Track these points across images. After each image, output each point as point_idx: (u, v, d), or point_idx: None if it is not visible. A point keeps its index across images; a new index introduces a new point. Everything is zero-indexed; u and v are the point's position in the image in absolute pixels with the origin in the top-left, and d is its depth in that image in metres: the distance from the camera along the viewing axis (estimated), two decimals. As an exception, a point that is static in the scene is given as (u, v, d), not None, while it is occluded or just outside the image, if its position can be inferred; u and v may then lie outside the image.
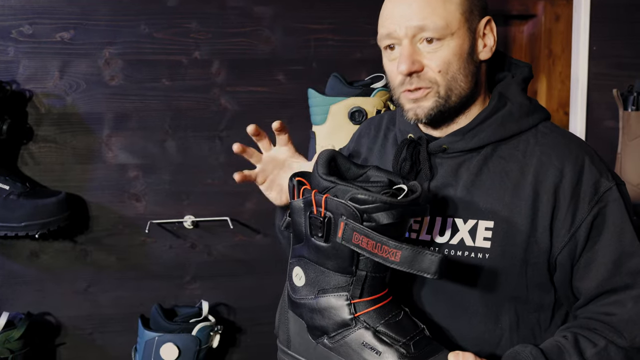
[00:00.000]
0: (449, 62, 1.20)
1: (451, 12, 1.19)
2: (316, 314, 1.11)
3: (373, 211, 1.03)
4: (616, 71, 2.41)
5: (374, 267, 1.08)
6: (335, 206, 1.06)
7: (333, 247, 1.07)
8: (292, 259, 1.16)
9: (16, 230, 2.00)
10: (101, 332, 2.25)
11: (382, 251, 1.02)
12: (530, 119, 1.27)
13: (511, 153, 1.24)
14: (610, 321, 1.17)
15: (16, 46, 2.10)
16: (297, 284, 1.14)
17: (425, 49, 1.19)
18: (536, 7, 2.66)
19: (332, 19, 2.28)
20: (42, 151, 2.15)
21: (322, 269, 1.11)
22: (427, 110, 1.22)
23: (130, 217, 2.23)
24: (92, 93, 2.16)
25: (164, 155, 2.23)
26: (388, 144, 1.39)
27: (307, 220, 1.10)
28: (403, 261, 1.01)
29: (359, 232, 1.03)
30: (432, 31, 1.18)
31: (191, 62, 2.21)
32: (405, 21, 1.19)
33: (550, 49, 2.68)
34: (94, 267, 2.22)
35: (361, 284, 1.09)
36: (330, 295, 1.10)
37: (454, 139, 1.25)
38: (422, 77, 1.20)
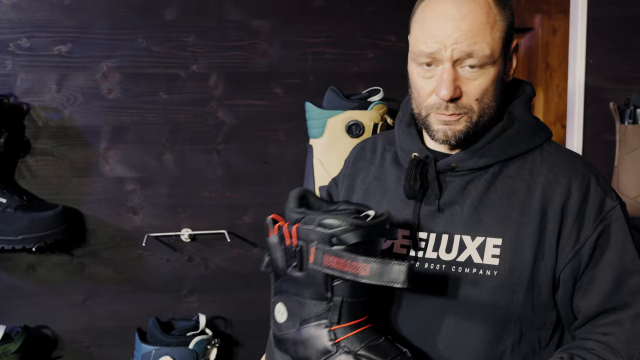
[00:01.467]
0: (487, 90, 1.19)
1: (496, 39, 1.17)
2: (299, 345, 1.13)
3: (341, 233, 1.07)
4: (613, 84, 2.41)
5: (349, 292, 1.11)
6: (306, 234, 1.09)
7: (307, 275, 1.11)
8: (274, 297, 1.19)
9: (13, 244, 1.99)
10: (98, 346, 2.24)
11: (352, 268, 1.05)
12: (536, 138, 1.28)
13: (518, 172, 1.24)
14: (608, 341, 1.17)
15: (14, 59, 2.11)
16: (280, 320, 1.17)
17: (466, 75, 1.17)
18: (533, 21, 2.67)
19: (329, 33, 2.29)
20: (40, 164, 2.15)
21: (301, 299, 1.13)
22: (458, 134, 1.21)
23: (127, 230, 2.22)
24: (90, 106, 2.17)
25: (161, 168, 2.23)
26: (386, 164, 1.38)
27: (283, 252, 1.14)
28: (372, 274, 1.04)
29: (329, 254, 1.06)
30: (479, 58, 1.16)
31: (189, 76, 2.22)
32: (452, 43, 1.15)
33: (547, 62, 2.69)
34: (91, 281, 2.21)
35: (338, 310, 1.11)
36: (311, 324, 1.13)
37: (462, 158, 1.25)
38: (459, 104, 1.19)
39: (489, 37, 1.16)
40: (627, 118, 2.31)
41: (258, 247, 2.30)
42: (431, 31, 1.17)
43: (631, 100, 2.32)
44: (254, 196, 2.29)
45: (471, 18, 1.15)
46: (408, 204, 1.28)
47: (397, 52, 2.28)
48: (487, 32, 1.16)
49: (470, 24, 1.15)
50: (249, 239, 2.30)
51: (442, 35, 1.15)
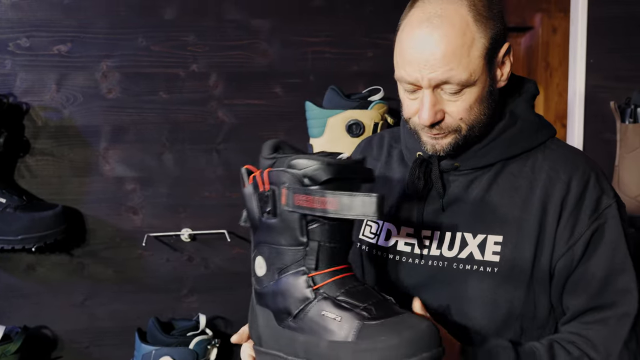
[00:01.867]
0: (470, 108, 1.18)
1: (475, 59, 1.15)
2: (279, 296, 1.08)
3: (312, 172, 1.02)
4: (613, 83, 2.41)
5: (325, 236, 1.06)
6: (277, 176, 1.06)
7: (281, 220, 1.06)
8: (253, 251, 1.15)
9: (13, 244, 1.99)
10: (98, 346, 2.24)
11: (321, 203, 1.01)
12: (539, 136, 1.28)
13: (520, 169, 1.25)
14: (589, 335, 1.19)
15: (13, 59, 2.11)
16: (260, 274, 1.12)
17: (446, 97, 1.17)
18: (533, 20, 2.66)
19: (329, 32, 2.28)
20: (39, 164, 2.15)
21: (278, 247, 1.08)
22: (446, 147, 1.22)
23: (127, 230, 2.22)
24: (90, 106, 2.16)
25: (161, 168, 2.23)
26: (393, 161, 1.39)
27: (257, 201, 1.10)
28: (341, 207, 0.99)
29: (299, 193, 1.02)
30: (456, 83, 1.14)
31: (188, 75, 2.22)
32: (428, 71, 1.14)
33: (547, 62, 2.68)
34: (90, 281, 2.21)
35: (315, 255, 1.05)
36: (289, 273, 1.07)
37: (465, 157, 1.26)
38: (443, 125, 1.19)
39: (466, 60, 1.14)
40: (627, 117, 2.31)
41: (258, 247, 2.29)
42: (408, 58, 1.16)
43: (632, 99, 2.32)
44: (254, 196, 2.28)
45: (446, 43, 1.12)
46: (412, 202, 1.29)
47: (397, 52, 2.27)
48: (463, 55, 1.13)
49: (445, 49, 1.12)
50: (249, 238, 2.29)
51: (418, 64, 1.14)
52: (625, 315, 1.19)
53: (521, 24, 2.68)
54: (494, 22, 1.17)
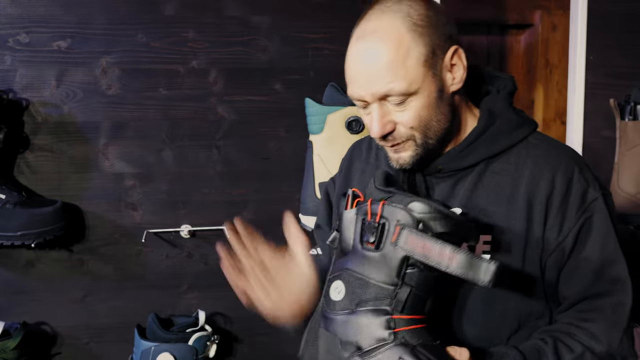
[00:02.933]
0: (419, 116, 1.19)
1: (412, 68, 1.16)
2: (351, 327, 1.07)
3: (429, 220, 1.04)
4: (613, 81, 2.41)
5: (419, 283, 1.07)
6: (392, 212, 1.06)
7: (383, 255, 1.06)
8: (333, 274, 1.13)
9: (12, 240, 1.99)
10: (97, 342, 2.24)
11: (439, 255, 1.02)
12: (520, 132, 1.28)
13: (504, 167, 1.25)
14: (589, 327, 1.20)
15: (13, 55, 2.10)
16: (335, 298, 1.10)
17: (394, 108, 1.18)
18: (533, 17, 2.66)
19: (329, 28, 2.28)
20: (39, 160, 2.15)
21: (366, 279, 1.07)
22: (408, 159, 1.23)
23: (126, 226, 2.22)
24: (89, 102, 2.16)
25: (160, 164, 2.23)
26: (381, 165, 1.38)
27: (360, 227, 1.09)
28: (458, 266, 1.01)
29: (414, 236, 1.03)
30: (397, 93, 1.16)
31: (188, 71, 2.21)
32: (370, 87, 1.16)
33: (547, 59, 2.68)
34: (90, 277, 2.21)
35: (404, 300, 1.06)
36: (370, 307, 1.07)
37: (447, 159, 1.26)
38: (396, 135, 1.20)
39: (403, 70, 1.15)
40: (627, 114, 2.31)
41: (258, 244, 2.29)
42: (351, 77, 1.20)
43: (631, 96, 2.32)
44: (254, 192, 2.29)
45: (380, 57, 1.15)
46: None
47: (397, 48, 2.27)
48: (399, 66, 1.15)
49: (380, 64, 1.15)
50: (249, 235, 2.29)
51: (360, 79, 1.18)
52: (620, 304, 1.21)
53: (521, 21, 2.68)
54: (433, 29, 1.18)
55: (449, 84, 1.22)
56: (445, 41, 1.20)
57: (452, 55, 1.21)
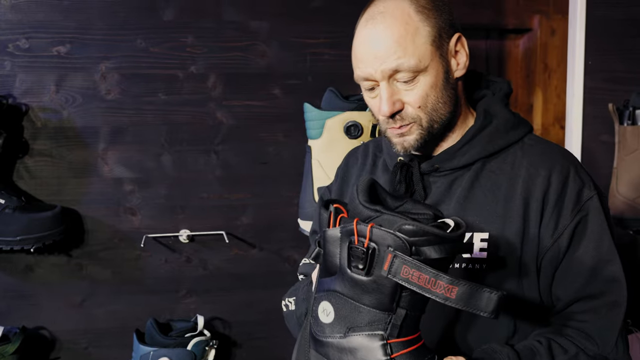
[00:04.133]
0: (427, 95, 1.21)
1: (421, 45, 1.19)
2: (345, 354, 1.02)
3: (422, 244, 0.96)
4: (612, 85, 2.41)
5: (414, 305, 1.01)
6: (382, 237, 0.97)
7: (374, 282, 0.99)
8: (319, 293, 1.07)
9: (11, 244, 2.00)
10: (96, 347, 2.24)
11: (436, 287, 0.95)
12: (516, 133, 1.30)
13: (500, 167, 1.27)
14: (584, 328, 1.20)
15: (12, 60, 2.11)
16: (324, 321, 1.04)
17: (402, 87, 1.21)
18: (532, 21, 2.67)
19: (327, 33, 2.28)
20: (38, 165, 2.15)
21: (357, 304, 1.01)
22: (413, 143, 1.25)
23: (125, 231, 2.22)
24: (88, 107, 2.17)
25: (159, 169, 2.23)
26: (377, 171, 1.41)
27: (346, 251, 1.01)
28: (459, 298, 0.95)
29: (409, 266, 0.95)
30: (406, 71, 1.19)
31: (187, 76, 2.22)
32: (379, 64, 1.19)
33: (545, 63, 2.69)
34: (89, 281, 2.21)
35: (400, 323, 1.01)
36: (363, 333, 1.01)
37: (444, 158, 1.28)
38: (404, 115, 1.22)
39: (412, 47, 1.18)
40: (626, 119, 2.31)
41: (256, 248, 2.30)
42: (358, 57, 1.23)
43: (630, 101, 2.32)
44: (253, 197, 2.29)
45: (389, 35, 1.18)
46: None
47: (396, 53, 2.27)
48: (408, 42, 1.18)
49: (389, 41, 1.18)
50: (247, 239, 2.30)
51: (368, 58, 1.21)
52: (616, 304, 1.21)
53: (520, 25, 2.68)
54: (439, 13, 1.23)
55: (454, 70, 1.25)
56: (450, 27, 1.24)
57: (456, 42, 1.25)
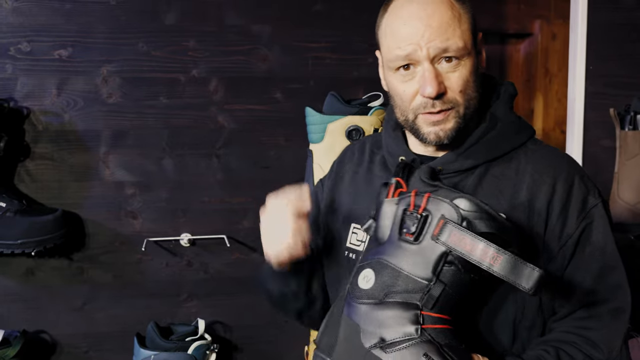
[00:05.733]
0: (468, 81, 1.21)
1: (465, 31, 1.21)
2: (377, 318, 1.04)
3: (474, 218, 1.01)
4: (613, 90, 2.42)
5: (453, 283, 1.04)
6: (437, 205, 1.03)
7: (421, 248, 1.03)
8: (363, 262, 1.10)
9: (12, 248, 2.00)
10: (97, 350, 2.24)
11: (482, 253, 0.98)
12: (519, 137, 1.30)
13: (503, 172, 1.26)
14: (589, 335, 1.20)
15: (14, 63, 2.11)
16: (363, 287, 1.06)
17: (445, 69, 1.20)
18: (533, 26, 2.67)
19: (329, 38, 2.29)
20: (39, 168, 2.15)
21: (399, 270, 1.04)
22: (449, 132, 1.23)
23: (126, 234, 2.22)
24: (90, 110, 2.17)
25: (161, 172, 2.23)
26: (375, 168, 1.39)
27: (400, 218, 1.06)
28: (502, 267, 0.97)
29: (458, 232, 1.00)
30: (454, 52, 1.18)
31: (189, 80, 2.22)
32: (426, 42, 1.17)
33: (546, 68, 2.69)
34: (90, 285, 2.21)
35: (436, 297, 1.03)
36: (399, 300, 1.03)
37: (448, 160, 1.27)
38: (445, 100, 1.20)
39: (459, 30, 1.19)
40: (627, 124, 2.31)
41: (257, 252, 2.29)
42: (403, 35, 1.20)
43: (631, 106, 2.32)
44: (254, 201, 2.28)
45: (439, 15, 1.18)
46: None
47: (397, 58, 2.28)
48: (455, 26, 1.19)
49: (440, 21, 1.18)
50: (249, 243, 2.30)
51: (415, 37, 1.18)
52: (620, 311, 1.21)
53: (521, 30, 2.69)
54: (471, 8, 1.24)
55: (480, 64, 1.27)
56: (476, 22, 1.25)
57: (480, 40, 1.26)
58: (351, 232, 1.36)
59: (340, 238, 1.38)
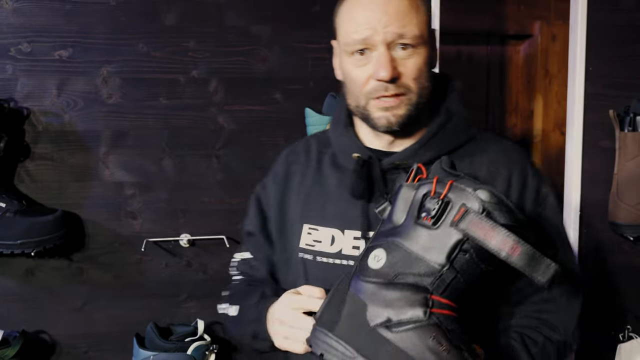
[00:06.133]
0: (421, 69, 1.24)
1: (422, 22, 1.24)
2: (385, 297, 1.03)
3: (495, 209, 1.02)
4: (613, 91, 2.41)
5: (466, 271, 1.05)
6: (458, 193, 1.04)
7: (438, 233, 1.04)
8: (375, 242, 1.10)
9: (12, 248, 2.00)
10: (96, 351, 2.24)
11: (501, 242, 0.99)
12: (472, 130, 1.34)
13: (459, 164, 1.28)
14: (547, 318, 1.27)
15: (14, 64, 2.11)
16: (373, 266, 1.07)
17: (400, 55, 1.22)
18: (533, 27, 2.68)
19: (329, 38, 2.27)
20: (39, 169, 2.15)
21: (413, 253, 1.05)
22: (400, 118, 1.25)
23: (126, 235, 2.22)
24: (90, 111, 2.17)
25: (160, 173, 2.23)
26: (324, 167, 1.39)
27: (419, 203, 1.07)
28: (520, 258, 0.98)
29: (479, 220, 1.00)
30: (410, 39, 1.22)
31: (189, 81, 2.22)
32: (383, 27, 1.21)
33: (546, 69, 2.69)
34: (89, 285, 2.21)
35: (447, 282, 1.04)
36: (410, 281, 1.04)
37: (406, 155, 1.29)
38: (399, 84, 1.23)
39: (416, 19, 1.23)
40: (626, 125, 2.31)
41: (257, 253, 2.29)
42: (361, 20, 1.23)
43: (631, 107, 2.32)
44: (254, 202, 2.29)
45: (397, 2, 1.22)
46: (355, 205, 1.30)
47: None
48: (413, 14, 1.23)
49: (397, 8, 1.21)
50: (248, 244, 2.29)
51: (372, 21, 1.21)
52: (573, 294, 1.27)
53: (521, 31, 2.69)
54: (427, 3, 1.29)
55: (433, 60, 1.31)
56: (431, 21, 1.30)
57: (434, 37, 1.31)
58: (305, 233, 1.36)
59: (293, 240, 1.38)
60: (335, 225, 1.32)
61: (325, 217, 1.34)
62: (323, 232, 1.33)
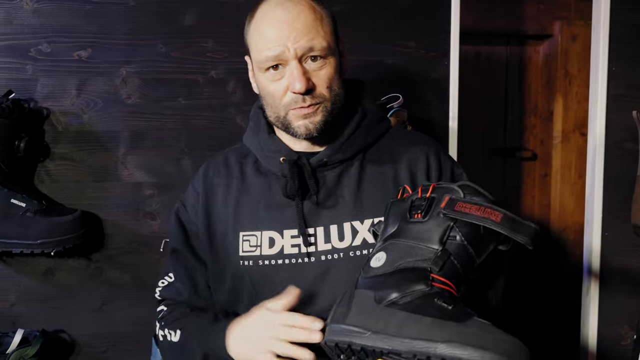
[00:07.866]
0: (333, 78, 1.34)
1: (328, 33, 1.33)
2: (389, 283, 1.13)
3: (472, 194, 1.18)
4: (636, 92, 2.39)
5: (458, 253, 1.16)
6: (442, 190, 1.20)
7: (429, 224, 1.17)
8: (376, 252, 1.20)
9: (32, 248, 2.00)
10: (115, 351, 2.24)
11: (484, 212, 1.12)
12: (384, 124, 1.47)
13: (380, 156, 1.42)
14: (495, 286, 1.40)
15: (34, 64, 2.12)
16: (374, 265, 1.18)
17: (312, 67, 1.31)
18: (552, 28, 2.66)
19: (347, 39, 2.26)
20: (59, 169, 2.16)
21: (410, 244, 1.17)
22: (318, 125, 1.35)
23: (145, 235, 2.23)
24: (109, 111, 2.18)
25: (179, 174, 2.23)
26: (248, 176, 1.46)
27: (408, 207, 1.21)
28: (504, 222, 1.11)
29: (462, 202, 1.15)
30: (319, 51, 1.30)
31: (207, 81, 2.22)
32: (292, 43, 1.29)
33: (566, 69, 2.67)
34: (108, 285, 2.22)
35: (442, 262, 1.14)
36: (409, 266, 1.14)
37: (331, 152, 1.39)
38: (314, 95, 1.32)
39: (322, 32, 1.32)
40: (649, 126, 2.28)
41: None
42: (270, 37, 1.31)
43: (654, 108, 2.30)
44: (272, 202, 2.28)
45: (303, 17, 1.30)
46: (288, 205, 1.38)
47: (417, 59, 2.27)
48: (319, 27, 1.32)
49: (304, 23, 1.29)
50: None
51: (281, 38, 1.29)
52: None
53: (540, 31, 2.68)
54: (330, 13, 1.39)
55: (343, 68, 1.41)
56: (337, 29, 1.40)
57: (342, 44, 1.41)
58: (242, 241, 1.41)
59: (230, 251, 1.42)
60: (271, 228, 1.38)
61: (259, 222, 1.40)
62: (260, 237, 1.39)
